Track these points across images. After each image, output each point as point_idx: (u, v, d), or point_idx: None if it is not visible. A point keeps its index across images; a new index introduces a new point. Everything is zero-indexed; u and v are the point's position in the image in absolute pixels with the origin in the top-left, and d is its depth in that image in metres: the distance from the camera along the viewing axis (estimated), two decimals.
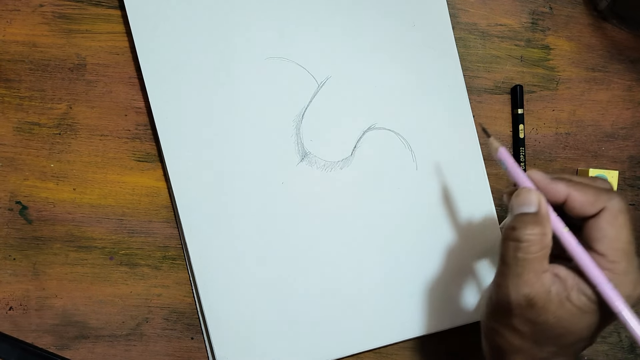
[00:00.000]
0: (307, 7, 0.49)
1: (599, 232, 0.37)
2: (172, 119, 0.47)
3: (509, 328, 0.38)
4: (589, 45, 0.53)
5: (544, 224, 0.37)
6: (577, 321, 0.37)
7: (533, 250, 0.36)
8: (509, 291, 0.37)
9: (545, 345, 0.38)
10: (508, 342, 0.38)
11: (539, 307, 0.36)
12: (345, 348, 0.49)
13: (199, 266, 0.47)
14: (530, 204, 0.37)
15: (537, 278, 0.36)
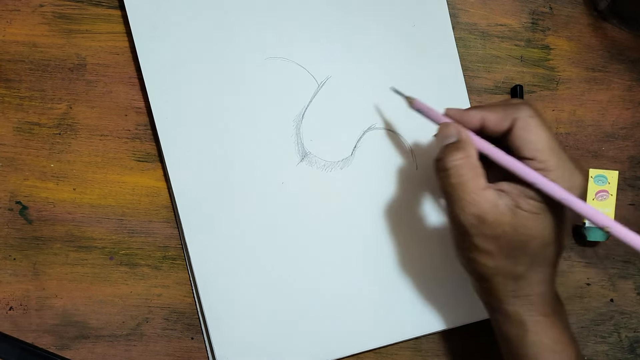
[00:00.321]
0: (307, 7, 0.49)
1: (518, 140, 0.39)
2: (172, 119, 0.47)
3: (477, 251, 0.40)
4: (589, 45, 0.53)
5: (466, 148, 0.39)
6: (534, 225, 0.38)
7: (462, 172, 0.39)
8: (459, 216, 0.39)
9: (517, 258, 0.39)
10: (483, 265, 0.40)
11: (491, 221, 0.38)
12: (345, 348, 0.49)
13: (199, 266, 0.47)
14: (450, 135, 0.40)
15: (478, 196, 0.38)
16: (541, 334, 0.40)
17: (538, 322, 0.40)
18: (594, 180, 0.51)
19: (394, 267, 0.49)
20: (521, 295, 0.40)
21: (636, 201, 0.53)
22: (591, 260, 0.53)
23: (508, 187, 0.39)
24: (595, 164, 0.53)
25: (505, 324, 0.42)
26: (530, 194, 0.38)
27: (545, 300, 0.41)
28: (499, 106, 0.41)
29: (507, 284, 0.40)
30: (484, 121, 0.40)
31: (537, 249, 0.39)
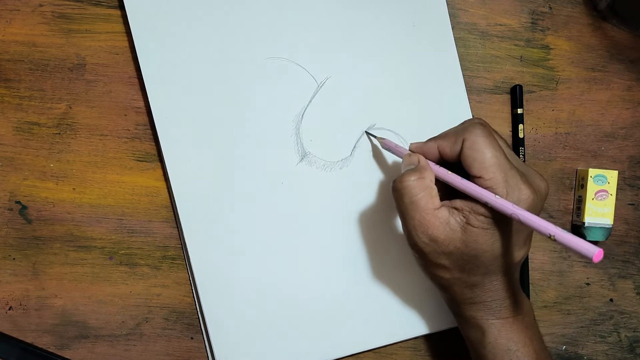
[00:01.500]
0: (307, 7, 0.49)
1: (467, 160, 0.41)
2: (171, 119, 0.47)
3: (432, 266, 0.42)
4: (588, 45, 0.53)
5: (420, 170, 0.42)
6: (483, 240, 0.40)
7: (415, 192, 0.41)
8: (412, 236, 0.41)
9: (471, 270, 0.41)
10: (441, 277, 0.42)
11: (443, 239, 0.40)
12: (344, 348, 0.49)
13: (199, 266, 0.47)
14: (411, 163, 0.43)
15: (430, 215, 0.40)
16: (497, 335, 0.42)
17: (494, 325, 0.43)
18: (594, 180, 0.51)
19: (394, 267, 0.49)
20: (477, 301, 0.43)
21: (636, 201, 0.53)
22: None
23: (460, 205, 0.41)
24: (595, 163, 0.53)
25: (465, 327, 0.44)
26: (479, 210, 0.40)
27: (502, 305, 0.42)
28: (451, 132, 0.43)
29: (464, 293, 0.43)
30: (440, 149, 0.43)
31: (488, 261, 0.41)
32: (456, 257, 0.41)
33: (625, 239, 0.53)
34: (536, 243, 0.52)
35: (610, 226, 0.51)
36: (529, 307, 0.44)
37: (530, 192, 0.40)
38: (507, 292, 0.42)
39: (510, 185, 0.40)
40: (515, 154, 0.43)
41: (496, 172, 0.40)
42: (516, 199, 0.39)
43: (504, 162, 0.40)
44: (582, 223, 0.51)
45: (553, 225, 0.36)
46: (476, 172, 0.40)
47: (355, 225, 0.49)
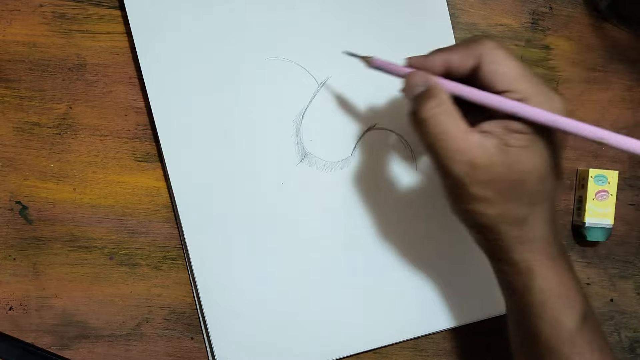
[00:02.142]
0: (307, 7, 0.49)
1: (489, 75, 0.37)
2: (172, 119, 0.47)
3: (475, 201, 0.37)
4: (589, 45, 0.53)
5: (438, 94, 0.37)
6: (527, 159, 0.36)
7: (441, 120, 0.37)
8: (448, 167, 0.37)
9: (517, 200, 0.37)
10: (483, 214, 0.38)
11: (483, 164, 0.36)
12: (345, 348, 0.49)
13: (199, 266, 0.47)
14: (418, 84, 0.38)
15: (464, 141, 0.36)
16: (549, 279, 0.38)
17: (546, 267, 0.38)
18: (594, 180, 0.51)
19: (394, 267, 0.49)
20: (526, 240, 0.38)
21: (636, 201, 0.53)
22: (591, 260, 0.53)
23: (490, 127, 0.37)
24: (596, 163, 0.53)
25: (511, 274, 0.39)
26: (515, 128, 0.36)
27: (550, 243, 0.39)
28: (460, 45, 0.39)
29: (512, 231, 0.38)
30: (448, 63, 0.38)
31: (535, 185, 0.37)
32: (500, 186, 0.36)
33: (625, 239, 0.53)
34: None
35: (610, 226, 0.51)
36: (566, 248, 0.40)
37: (560, 102, 0.36)
38: (552, 225, 0.38)
39: (542, 96, 0.36)
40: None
41: (525, 83, 0.36)
42: (550, 109, 0.36)
43: (529, 72, 0.37)
44: (582, 223, 0.51)
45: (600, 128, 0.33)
46: (503, 87, 0.36)
47: (356, 225, 0.49)
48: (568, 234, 0.53)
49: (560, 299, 0.38)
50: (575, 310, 0.38)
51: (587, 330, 0.38)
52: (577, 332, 0.38)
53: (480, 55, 0.37)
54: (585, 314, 0.38)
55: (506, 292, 0.41)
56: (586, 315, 0.38)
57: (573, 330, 0.38)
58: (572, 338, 0.38)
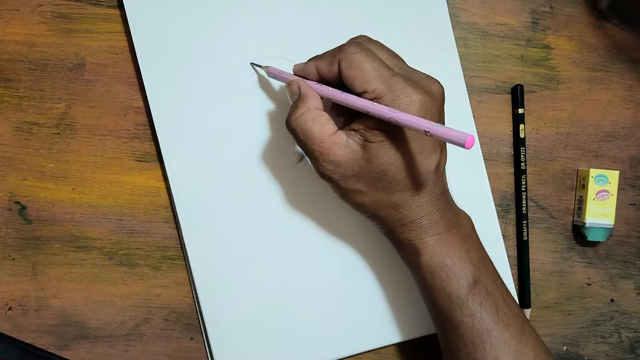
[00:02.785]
0: (306, 8, 0.49)
1: (348, 80, 0.40)
2: (171, 119, 0.47)
3: (350, 193, 0.42)
4: (589, 45, 0.53)
5: (305, 101, 0.41)
6: (384, 153, 0.40)
7: (307, 126, 0.41)
8: (319, 168, 0.41)
9: (386, 188, 0.41)
10: (362, 203, 0.42)
11: (346, 162, 0.40)
12: (344, 349, 0.49)
13: (198, 266, 0.47)
14: (294, 92, 0.43)
15: (327, 143, 0.40)
16: (432, 253, 0.41)
17: (427, 243, 0.42)
18: (595, 180, 0.51)
19: (394, 268, 0.49)
20: (407, 222, 0.42)
21: (637, 201, 0.53)
22: (592, 260, 0.53)
23: (356, 125, 0.40)
24: (596, 163, 0.53)
25: (402, 253, 0.44)
26: (372, 125, 0.39)
27: (432, 220, 0.42)
28: (328, 52, 0.42)
29: (391, 215, 0.42)
30: (318, 69, 0.42)
31: (398, 175, 0.40)
32: (366, 178, 0.40)
33: (626, 239, 0.53)
34: (537, 244, 0.52)
35: (611, 226, 0.51)
36: (466, 219, 0.44)
37: (417, 94, 0.39)
38: (433, 205, 0.41)
39: (395, 92, 0.39)
40: (403, 63, 0.42)
41: (377, 83, 0.39)
42: (405, 104, 0.38)
43: (384, 71, 0.39)
44: (583, 223, 0.51)
45: (427, 121, 0.36)
46: (359, 88, 0.39)
47: (355, 225, 0.49)
48: (569, 234, 0.53)
49: (445, 270, 0.41)
50: (463, 278, 0.41)
51: (477, 294, 0.41)
52: (467, 297, 0.41)
53: (340, 61, 0.40)
54: (475, 280, 0.41)
55: (409, 269, 0.44)
56: (477, 280, 0.41)
57: (462, 296, 0.41)
58: (462, 303, 0.41)
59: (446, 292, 0.41)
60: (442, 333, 0.43)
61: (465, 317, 0.41)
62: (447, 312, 0.41)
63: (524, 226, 0.51)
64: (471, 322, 0.41)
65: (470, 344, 0.41)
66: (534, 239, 0.52)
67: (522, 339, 0.41)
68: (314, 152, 0.41)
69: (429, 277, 0.42)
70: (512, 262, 0.52)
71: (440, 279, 0.41)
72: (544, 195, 0.52)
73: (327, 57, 0.42)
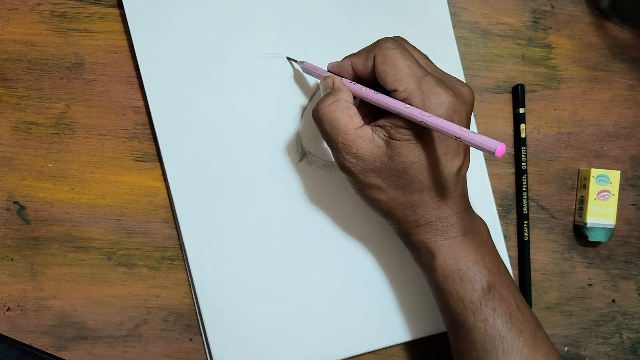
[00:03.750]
0: (307, 7, 0.48)
1: (381, 75, 0.40)
2: (170, 119, 0.47)
3: (367, 188, 0.42)
4: (590, 44, 0.52)
5: (336, 93, 0.42)
6: (407, 151, 0.40)
7: (335, 116, 0.41)
8: (340, 159, 0.41)
9: (406, 187, 0.41)
10: (378, 199, 0.42)
11: (368, 156, 0.40)
12: (344, 350, 0.48)
13: (197, 267, 0.47)
14: (328, 86, 0.43)
15: (352, 135, 0.40)
16: (446, 256, 0.41)
17: (442, 246, 0.42)
18: (596, 180, 0.51)
19: (395, 268, 0.49)
20: (423, 223, 0.42)
21: (638, 201, 0.53)
22: (593, 260, 0.53)
23: (382, 122, 0.40)
24: (597, 163, 0.53)
25: (416, 255, 0.43)
26: (399, 124, 0.39)
27: (448, 224, 0.42)
28: (364, 49, 0.42)
29: (407, 215, 0.42)
30: (354, 66, 0.43)
31: (419, 174, 0.40)
32: (386, 174, 0.40)
33: (627, 239, 0.53)
34: (538, 244, 0.52)
35: (612, 226, 0.51)
36: (482, 225, 0.44)
37: (447, 95, 0.39)
38: (451, 209, 0.41)
39: (425, 92, 0.39)
40: (435, 65, 0.42)
41: (409, 81, 0.39)
42: (434, 105, 0.39)
43: (417, 70, 0.39)
44: (584, 223, 0.51)
45: (458, 126, 0.36)
46: (390, 86, 0.40)
47: (355, 225, 0.49)
48: (570, 234, 0.52)
49: (460, 274, 0.41)
50: (477, 283, 0.41)
51: (491, 299, 0.41)
52: (480, 302, 0.41)
53: (375, 56, 0.41)
54: (490, 285, 0.41)
55: (422, 271, 0.44)
56: (491, 286, 0.41)
57: (476, 301, 0.41)
58: (476, 308, 0.41)
59: (459, 296, 0.41)
60: (454, 336, 0.43)
61: (478, 322, 0.41)
62: (459, 316, 0.41)
63: (525, 226, 0.51)
64: (484, 328, 0.40)
65: (482, 349, 0.40)
66: (535, 239, 0.52)
67: (534, 345, 0.41)
68: (337, 142, 0.41)
69: (443, 280, 0.41)
70: (513, 262, 0.52)
71: (454, 283, 0.41)
72: (545, 195, 0.52)
73: (363, 52, 0.42)
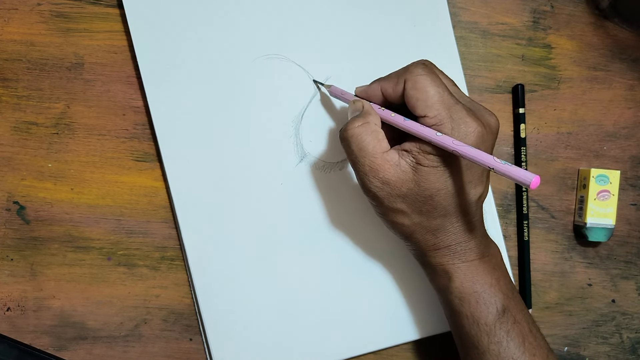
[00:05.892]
0: (307, 7, 0.48)
1: (410, 101, 0.40)
2: (170, 119, 0.47)
3: (391, 212, 0.42)
4: (590, 44, 0.52)
5: (365, 116, 0.42)
6: (435, 178, 0.40)
7: (362, 138, 0.41)
8: (365, 182, 0.41)
9: (429, 213, 0.41)
10: (401, 224, 0.42)
11: (394, 181, 0.40)
12: (344, 350, 0.48)
13: (197, 267, 0.47)
14: (356, 109, 0.43)
15: (379, 159, 0.40)
16: (463, 279, 0.42)
17: (460, 269, 0.42)
18: (596, 180, 0.51)
19: (395, 269, 0.49)
20: (442, 246, 0.42)
21: (638, 201, 0.53)
22: (593, 260, 0.52)
23: (409, 146, 0.40)
24: (597, 163, 0.52)
25: (432, 276, 0.44)
26: (427, 149, 0.39)
27: (467, 248, 0.42)
28: (394, 73, 0.42)
29: (428, 239, 0.42)
30: (383, 90, 0.42)
31: (444, 201, 0.40)
32: (412, 200, 0.40)
33: (627, 239, 0.53)
34: (538, 244, 0.52)
35: (612, 226, 0.51)
36: (496, 249, 0.44)
37: (477, 125, 0.39)
38: (470, 233, 0.42)
39: (455, 120, 0.39)
40: (462, 92, 0.43)
41: (440, 109, 0.39)
42: (463, 133, 0.39)
43: (448, 98, 0.40)
44: (584, 223, 0.51)
45: (492, 157, 0.36)
46: (420, 112, 0.40)
47: (355, 226, 0.49)
48: (569, 235, 0.52)
49: (476, 297, 0.42)
50: (492, 305, 0.41)
51: (505, 322, 0.41)
52: (495, 324, 0.41)
53: (405, 81, 0.41)
54: (504, 308, 0.42)
55: (436, 292, 0.45)
56: (505, 309, 0.42)
57: (490, 323, 0.41)
58: (490, 330, 0.41)
59: (475, 318, 0.41)
60: (467, 359, 0.43)
61: (492, 344, 0.41)
62: (473, 339, 0.41)
63: (524, 226, 0.51)
64: (497, 350, 0.41)
65: None
66: (534, 239, 0.52)
67: None
68: (364, 166, 0.41)
69: (458, 302, 0.42)
70: (513, 262, 0.52)
71: (469, 305, 0.42)
72: (545, 196, 0.52)
73: (393, 77, 0.42)
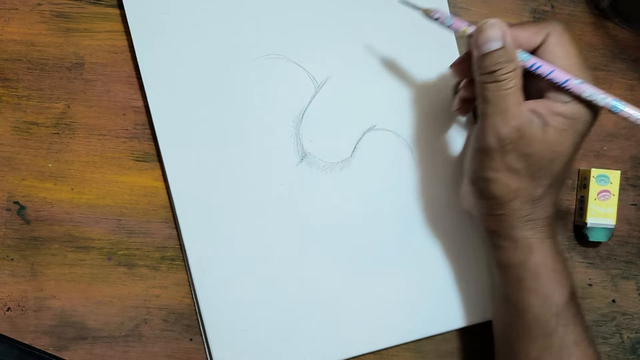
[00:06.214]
0: (307, 7, 0.48)
1: (551, 55, 0.39)
2: (170, 119, 0.47)
3: (505, 170, 0.39)
4: (590, 44, 0.52)
5: (515, 59, 0.38)
6: (562, 141, 0.39)
7: (511, 84, 0.38)
8: (499, 128, 0.38)
9: (539, 179, 0.39)
10: (505, 185, 0.39)
11: (528, 136, 0.38)
12: (344, 350, 0.48)
13: (197, 267, 0.47)
14: (495, 38, 0.38)
15: (519, 110, 0.38)
16: (545, 254, 0.41)
17: (544, 244, 0.41)
18: (596, 180, 0.51)
19: (395, 269, 0.49)
20: (533, 219, 0.40)
21: (638, 201, 0.53)
22: (593, 260, 0.52)
23: (536, 105, 0.39)
24: (597, 163, 0.52)
25: (509, 250, 0.41)
26: (557, 111, 0.38)
27: (551, 223, 0.41)
28: (530, 24, 0.40)
29: (524, 208, 0.40)
30: (517, 40, 0.39)
31: (560, 167, 0.39)
32: (532, 161, 0.39)
33: (627, 239, 0.53)
34: None
35: (612, 227, 0.51)
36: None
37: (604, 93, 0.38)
38: (553, 210, 0.41)
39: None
40: None
41: (577, 71, 0.38)
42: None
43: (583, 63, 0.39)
44: (584, 223, 0.51)
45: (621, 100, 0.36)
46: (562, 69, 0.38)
47: (356, 226, 0.49)
48: (570, 235, 0.52)
49: (554, 274, 0.40)
50: (565, 285, 0.41)
51: (573, 305, 0.41)
52: (565, 306, 0.40)
53: (549, 35, 0.39)
54: (573, 291, 0.41)
55: (498, 267, 0.43)
56: (573, 291, 0.41)
57: (561, 305, 0.40)
58: (560, 311, 0.40)
59: (547, 296, 0.40)
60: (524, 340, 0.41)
61: (559, 326, 0.40)
62: (541, 319, 0.40)
63: None
64: (563, 332, 0.40)
65: (556, 356, 0.40)
66: None
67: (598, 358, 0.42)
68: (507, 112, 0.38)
69: (532, 278, 0.40)
70: None
71: (544, 282, 0.40)
72: None
73: (531, 26, 0.40)
